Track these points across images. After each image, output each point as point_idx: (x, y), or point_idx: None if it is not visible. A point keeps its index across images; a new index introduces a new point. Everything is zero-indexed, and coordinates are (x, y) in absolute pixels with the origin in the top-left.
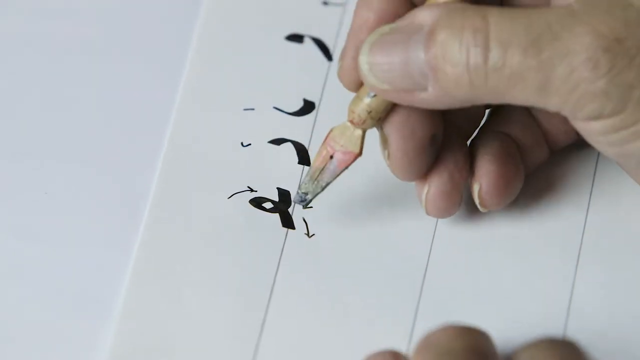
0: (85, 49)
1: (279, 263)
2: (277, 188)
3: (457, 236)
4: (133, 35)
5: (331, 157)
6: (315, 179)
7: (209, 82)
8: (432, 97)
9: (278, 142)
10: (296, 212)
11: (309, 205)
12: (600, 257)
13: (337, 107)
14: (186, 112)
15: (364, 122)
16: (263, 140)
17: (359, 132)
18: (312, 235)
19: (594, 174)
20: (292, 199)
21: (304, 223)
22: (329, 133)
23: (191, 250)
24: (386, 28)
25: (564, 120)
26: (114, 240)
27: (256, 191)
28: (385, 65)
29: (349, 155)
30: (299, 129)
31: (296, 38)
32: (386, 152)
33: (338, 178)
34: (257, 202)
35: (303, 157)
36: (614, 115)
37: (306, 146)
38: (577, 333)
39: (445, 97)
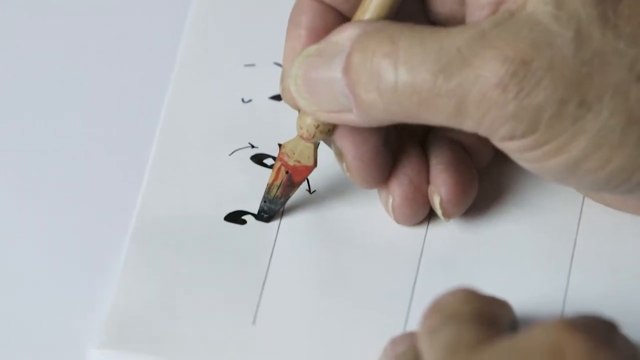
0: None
1: (280, 220)
2: (279, 144)
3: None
4: None
5: (287, 172)
6: (274, 195)
7: (210, 37)
8: (357, 118)
9: (279, 98)
10: None
11: (271, 220)
12: (596, 244)
13: None
14: (187, 68)
15: (314, 136)
16: (264, 96)
17: (310, 145)
18: (313, 192)
19: None
20: (256, 218)
21: (306, 180)
22: (281, 149)
23: (193, 207)
24: (312, 49)
25: None
26: (115, 198)
27: (257, 147)
28: (311, 88)
29: (304, 169)
30: None
31: None
32: (343, 164)
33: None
34: (259, 159)
35: None
36: (526, 136)
37: None
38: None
39: (369, 118)
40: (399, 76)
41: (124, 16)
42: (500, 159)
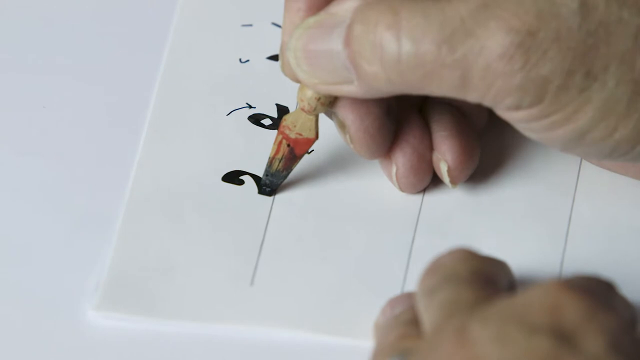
0: None
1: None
2: (276, 104)
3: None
4: None
5: (288, 145)
6: (276, 169)
7: None
8: (359, 90)
9: (276, 58)
10: None
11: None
12: (593, 206)
13: None
14: (184, 28)
15: (315, 108)
16: (261, 56)
17: (311, 117)
18: (311, 151)
19: None
20: (258, 192)
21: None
22: (282, 121)
23: (190, 168)
24: (311, 21)
25: None
26: (113, 159)
27: (255, 108)
28: (311, 60)
29: (306, 141)
30: None
31: None
32: (347, 135)
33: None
34: (256, 119)
35: None
36: (532, 106)
37: None
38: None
39: (371, 90)
40: (402, 48)
41: None
42: (498, 122)
